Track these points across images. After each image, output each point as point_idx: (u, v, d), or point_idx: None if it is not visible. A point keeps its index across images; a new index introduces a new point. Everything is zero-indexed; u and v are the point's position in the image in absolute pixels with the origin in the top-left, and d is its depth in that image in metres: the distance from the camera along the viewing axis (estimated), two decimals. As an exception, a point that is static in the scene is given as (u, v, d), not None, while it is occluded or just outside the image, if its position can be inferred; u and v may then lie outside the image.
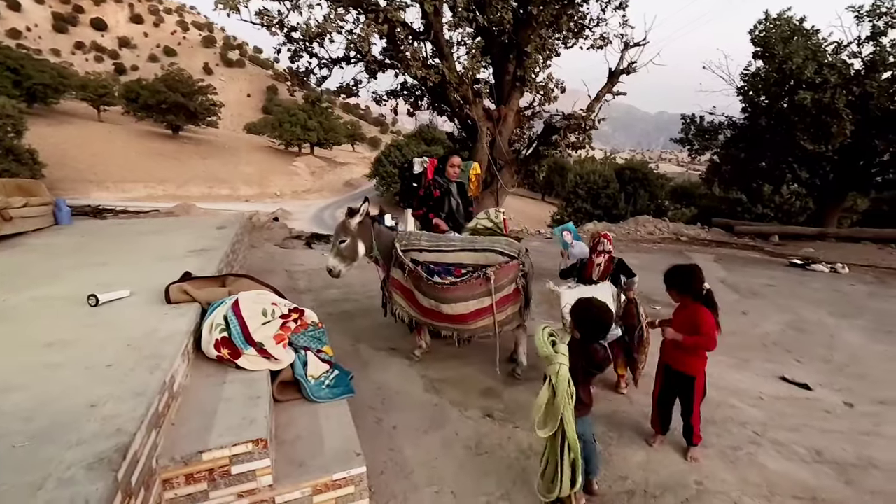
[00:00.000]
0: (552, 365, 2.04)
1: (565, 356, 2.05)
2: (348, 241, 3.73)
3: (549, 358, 2.07)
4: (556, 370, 2.02)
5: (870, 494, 2.76)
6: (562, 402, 2.00)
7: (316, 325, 2.95)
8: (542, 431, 2.07)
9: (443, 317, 3.58)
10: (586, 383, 2.22)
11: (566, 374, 2.02)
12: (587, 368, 2.17)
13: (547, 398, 2.05)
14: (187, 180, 49.53)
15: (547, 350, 2.06)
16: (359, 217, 3.77)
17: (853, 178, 14.38)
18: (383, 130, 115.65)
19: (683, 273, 2.91)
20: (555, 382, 2.03)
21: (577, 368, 2.12)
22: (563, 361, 2.03)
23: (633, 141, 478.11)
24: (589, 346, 2.19)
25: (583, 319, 2.22)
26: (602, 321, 2.20)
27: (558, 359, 2.03)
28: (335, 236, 3.79)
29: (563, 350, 2.06)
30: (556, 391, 2.02)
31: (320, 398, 2.65)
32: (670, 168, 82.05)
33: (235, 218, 6.68)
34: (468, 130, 8.95)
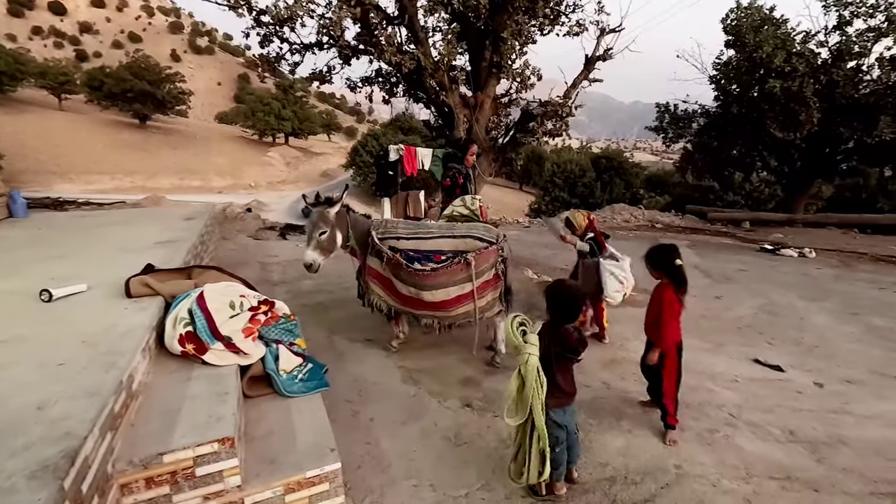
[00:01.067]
0: (521, 355, 1.99)
1: (535, 346, 2.00)
2: (328, 231, 3.56)
3: (517, 348, 2.01)
4: (525, 360, 1.97)
5: (842, 472, 2.81)
6: (530, 392, 1.95)
7: (288, 317, 2.84)
8: (512, 420, 2.03)
9: (423, 304, 3.50)
10: (565, 370, 2.17)
11: (535, 363, 1.97)
12: (562, 353, 2.12)
13: (516, 387, 2.01)
14: (157, 172, 48.01)
15: (516, 339, 2.01)
16: (338, 206, 3.63)
17: (819, 166, 14.77)
18: (360, 120, 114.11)
19: (658, 250, 3.09)
20: (523, 373, 1.98)
21: (551, 354, 2.08)
22: (532, 351, 1.98)
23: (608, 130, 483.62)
24: (560, 328, 2.14)
25: (554, 301, 2.16)
26: (574, 302, 2.15)
27: (527, 349, 1.98)
28: (312, 228, 3.56)
29: (533, 340, 2.01)
30: (525, 381, 1.97)
31: (293, 393, 2.55)
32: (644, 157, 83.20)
33: (205, 209, 6.45)
34: (445, 118, 8.83)
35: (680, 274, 2.88)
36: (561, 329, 2.14)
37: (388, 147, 6.03)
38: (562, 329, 2.14)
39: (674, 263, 2.88)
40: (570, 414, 2.21)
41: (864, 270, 9.15)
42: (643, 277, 3.60)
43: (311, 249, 3.54)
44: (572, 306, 2.15)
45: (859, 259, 10.31)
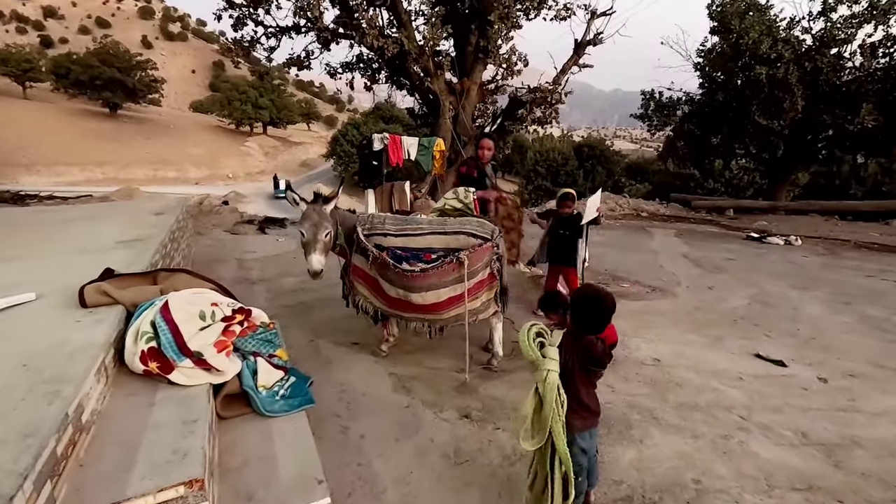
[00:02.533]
0: (539, 371, 1.75)
1: (555, 360, 1.76)
2: (331, 231, 3.22)
3: (534, 362, 1.77)
4: (544, 377, 1.73)
5: (860, 477, 2.68)
6: (549, 414, 1.72)
7: (266, 326, 2.56)
8: (528, 443, 1.79)
9: (412, 307, 3.24)
10: (589, 384, 1.94)
11: (555, 380, 1.74)
12: (585, 365, 1.88)
13: (533, 408, 1.77)
14: (130, 163, 46.49)
15: (533, 354, 1.77)
16: (335, 202, 3.31)
17: (801, 153, 14.85)
18: (339, 108, 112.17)
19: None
20: (542, 391, 1.74)
21: (573, 367, 1.84)
22: (552, 367, 1.74)
23: (588, 118, 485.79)
24: (584, 338, 1.90)
25: (582, 308, 1.91)
26: (604, 309, 1.90)
27: (546, 364, 1.74)
28: (316, 229, 3.13)
29: (552, 354, 1.77)
30: (544, 401, 1.74)
31: (274, 412, 2.28)
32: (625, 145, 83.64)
33: (177, 202, 6.05)
34: (430, 106, 8.52)
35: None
36: (584, 339, 1.90)
37: (372, 136, 5.70)
38: (585, 339, 1.90)
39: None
40: (593, 437, 1.98)
41: (849, 258, 9.18)
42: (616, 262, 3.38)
43: (317, 254, 3.13)
44: (602, 315, 1.91)
45: (843, 246, 10.38)
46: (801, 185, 19.79)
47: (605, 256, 8.32)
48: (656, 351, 4.13)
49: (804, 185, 19.66)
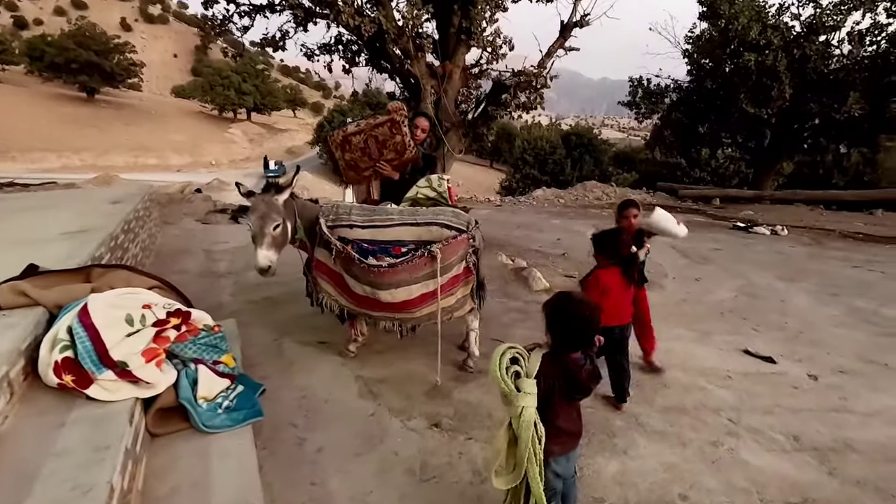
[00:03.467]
0: (512, 406, 1.50)
1: (531, 395, 1.50)
2: (282, 223, 2.92)
3: (507, 396, 1.52)
4: (518, 413, 1.48)
5: (856, 485, 2.52)
6: (525, 454, 1.48)
7: (211, 330, 2.29)
8: (500, 481, 1.55)
9: (381, 305, 2.98)
10: (570, 408, 1.69)
11: (531, 418, 1.49)
12: (568, 392, 1.63)
13: (506, 443, 1.53)
14: (108, 149, 45.22)
15: (506, 386, 1.51)
16: (288, 192, 3.00)
17: (787, 142, 14.79)
18: (326, 95, 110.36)
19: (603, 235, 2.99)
20: (516, 428, 1.50)
21: (554, 394, 1.59)
22: (528, 402, 1.49)
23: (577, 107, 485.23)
24: (566, 358, 1.65)
25: (560, 321, 1.65)
26: (585, 319, 1.64)
27: (521, 399, 1.49)
28: (262, 222, 2.84)
29: (529, 387, 1.51)
30: (519, 439, 1.49)
31: (215, 427, 2.03)
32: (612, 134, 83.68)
33: (138, 190, 5.70)
34: (411, 90, 8.17)
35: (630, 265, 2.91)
36: (567, 360, 1.64)
37: (347, 122, 5.38)
38: (568, 360, 1.64)
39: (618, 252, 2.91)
40: (572, 460, 1.75)
41: (835, 248, 9.11)
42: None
43: (264, 248, 2.84)
44: (585, 328, 1.64)
45: (829, 236, 10.33)
46: (786, 175, 19.84)
47: (591, 246, 8.13)
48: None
49: (788, 175, 19.70)
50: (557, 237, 8.77)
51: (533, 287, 5.15)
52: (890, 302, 5.75)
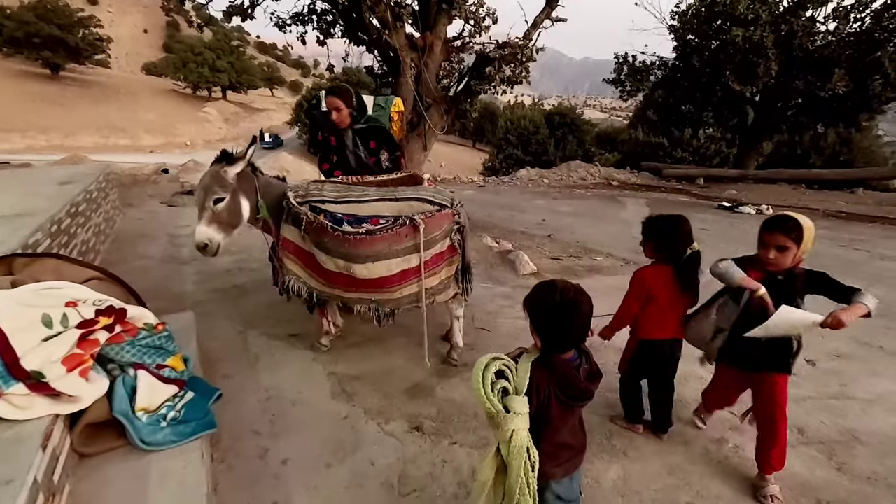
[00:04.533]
0: (500, 430, 1.24)
1: (522, 415, 1.23)
2: (227, 199, 2.63)
3: (495, 418, 1.26)
4: (508, 438, 1.22)
5: (867, 482, 2.35)
6: (516, 485, 1.22)
7: (152, 329, 1.97)
8: None
9: (356, 282, 2.67)
10: (569, 417, 1.42)
11: (523, 443, 1.22)
12: (566, 401, 1.37)
13: (494, 471, 1.26)
14: (76, 129, 43.38)
15: (492, 406, 1.23)
16: (241, 164, 2.69)
17: (771, 121, 14.71)
18: (304, 73, 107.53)
19: (657, 222, 2.39)
20: (505, 455, 1.23)
21: (550, 405, 1.33)
22: (519, 425, 1.22)
23: (559, 87, 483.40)
24: (557, 360, 1.40)
25: (541, 315, 1.37)
26: (571, 312, 1.34)
27: (510, 422, 1.22)
28: (203, 193, 2.62)
29: (519, 406, 1.23)
30: (509, 468, 1.23)
31: (157, 444, 1.73)
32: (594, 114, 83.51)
33: (94, 169, 5.24)
34: (390, 63, 7.75)
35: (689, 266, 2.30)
36: (557, 362, 1.38)
37: (320, 94, 4.97)
38: (558, 362, 1.38)
39: (679, 249, 2.31)
40: (576, 479, 1.49)
41: (820, 227, 8.88)
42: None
43: (203, 224, 2.59)
44: (573, 322, 1.36)
45: (812, 215, 10.28)
46: (765, 155, 19.93)
47: (576, 227, 7.94)
48: (636, 334, 3.74)
49: (768, 155, 19.79)
50: (542, 218, 8.55)
51: (520, 271, 4.90)
52: (878, 282, 5.67)
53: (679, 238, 2.26)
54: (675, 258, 2.28)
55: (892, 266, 6.39)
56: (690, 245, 2.27)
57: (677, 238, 2.26)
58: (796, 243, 2.00)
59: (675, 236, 2.27)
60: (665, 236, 2.29)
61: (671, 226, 2.30)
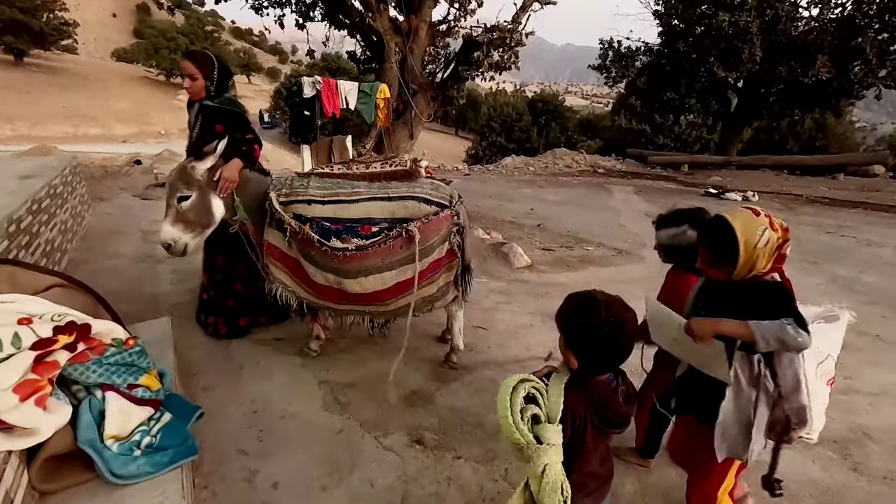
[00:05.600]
0: (531, 465, 1.07)
1: (556, 447, 1.07)
2: (194, 196, 2.44)
3: (524, 450, 1.08)
4: (539, 472, 1.05)
5: (885, 483, 2.29)
6: None
7: (122, 344, 1.76)
8: None
9: (348, 297, 2.49)
10: (603, 444, 1.28)
11: (558, 478, 1.06)
12: (601, 426, 1.21)
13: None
14: (44, 118, 41.60)
15: (522, 437, 1.05)
16: (211, 160, 2.46)
17: (754, 107, 14.77)
18: (282, 60, 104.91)
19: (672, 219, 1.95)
20: (536, 492, 1.07)
21: (583, 432, 1.17)
22: (553, 458, 1.06)
23: (541, 73, 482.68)
24: (593, 381, 1.23)
25: (580, 332, 1.20)
26: (617, 334, 1.18)
27: (543, 455, 1.05)
28: (168, 191, 2.46)
29: (553, 436, 1.06)
30: (538, 502, 1.07)
31: (130, 476, 1.53)
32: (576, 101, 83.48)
33: (59, 162, 4.89)
34: (373, 48, 7.47)
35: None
36: (594, 384, 1.22)
37: (302, 79, 4.71)
38: (595, 384, 1.22)
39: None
40: None
41: (805, 213, 9.12)
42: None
43: (167, 223, 2.44)
44: (619, 341, 1.19)
45: (797, 201, 10.38)
46: (745, 141, 20.14)
47: (565, 216, 7.82)
48: (637, 330, 3.63)
49: (747, 141, 19.99)
50: (530, 207, 8.41)
51: (514, 264, 4.75)
52: (869, 268, 5.69)
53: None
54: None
55: (880, 252, 6.42)
56: None
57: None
58: (726, 259, 1.48)
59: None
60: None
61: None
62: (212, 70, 2.81)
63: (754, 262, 1.47)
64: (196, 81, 2.77)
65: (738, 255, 1.44)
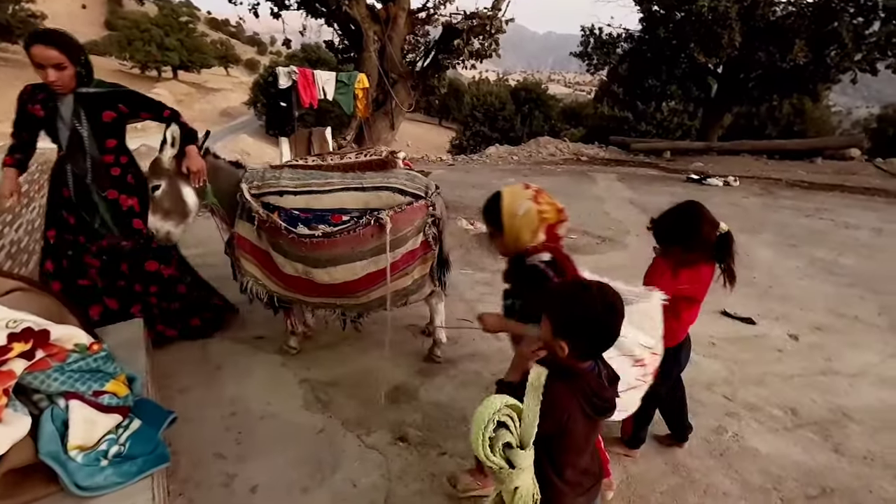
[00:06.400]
0: (504, 484, 1.04)
1: (528, 469, 1.02)
2: (164, 185, 2.43)
3: (497, 473, 1.04)
4: (511, 490, 1.03)
5: (865, 463, 2.31)
6: None
7: (86, 350, 1.68)
8: None
9: (318, 287, 2.43)
10: (591, 434, 1.24)
11: (529, 491, 1.03)
12: (590, 414, 1.18)
13: None
14: (12, 114, 40.30)
15: (494, 463, 1.02)
16: (170, 149, 2.41)
17: (734, 93, 14.89)
18: (261, 51, 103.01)
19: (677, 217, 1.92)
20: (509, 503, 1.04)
21: (572, 424, 1.13)
22: (524, 480, 1.02)
23: (523, 62, 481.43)
24: (579, 371, 1.19)
25: (575, 318, 1.16)
26: (614, 316, 1.15)
27: (515, 479, 1.02)
28: (147, 182, 2.48)
29: (523, 460, 1.00)
30: None
31: (97, 488, 1.46)
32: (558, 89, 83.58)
33: (25, 160, 4.70)
34: (351, 37, 7.31)
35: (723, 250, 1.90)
36: (580, 372, 1.19)
37: (277, 69, 4.58)
38: (581, 371, 1.18)
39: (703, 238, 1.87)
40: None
41: (785, 197, 9.24)
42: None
43: (150, 213, 2.44)
44: (615, 323, 1.16)
45: (777, 185, 10.51)
46: (725, 127, 20.38)
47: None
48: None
49: (727, 126, 20.23)
50: (515, 197, 8.37)
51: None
52: (846, 250, 5.78)
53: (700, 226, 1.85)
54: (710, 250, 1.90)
55: (857, 234, 6.53)
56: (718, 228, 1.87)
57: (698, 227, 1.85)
58: (496, 228, 1.63)
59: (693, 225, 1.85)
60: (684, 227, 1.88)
61: (688, 215, 1.88)
62: (79, 53, 2.40)
63: (517, 234, 1.59)
64: (64, 71, 2.31)
65: (502, 225, 1.59)
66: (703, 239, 1.85)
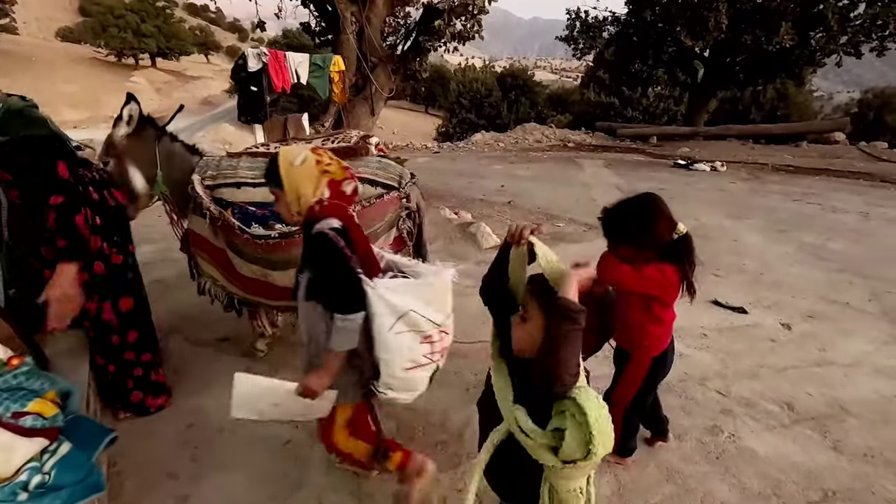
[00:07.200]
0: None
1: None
2: (111, 164, 2.23)
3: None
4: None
5: (865, 461, 2.21)
6: None
7: (3, 365, 1.46)
8: None
9: (279, 291, 2.22)
10: None
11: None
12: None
13: None
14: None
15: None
16: (124, 127, 2.19)
17: (720, 77, 14.79)
18: (242, 38, 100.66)
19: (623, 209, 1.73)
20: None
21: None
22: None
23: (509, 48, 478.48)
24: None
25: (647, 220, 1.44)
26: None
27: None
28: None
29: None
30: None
31: (12, 526, 1.27)
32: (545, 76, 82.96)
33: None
34: (328, 19, 6.99)
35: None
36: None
37: (246, 51, 4.30)
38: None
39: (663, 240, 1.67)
40: None
41: (771, 181, 9.19)
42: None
43: None
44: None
45: (763, 170, 10.45)
46: (711, 112, 20.35)
47: (536, 192, 7.64)
48: (610, 309, 3.48)
49: (713, 111, 20.20)
50: (501, 184, 8.20)
51: (482, 244, 4.54)
52: (835, 235, 5.71)
53: (656, 224, 1.65)
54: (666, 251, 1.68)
55: (844, 219, 6.47)
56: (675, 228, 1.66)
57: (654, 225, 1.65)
58: (276, 185, 1.49)
59: (648, 223, 1.65)
60: (637, 225, 1.67)
61: (641, 210, 1.69)
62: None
63: (297, 187, 1.47)
64: None
65: (281, 179, 1.46)
66: (657, 237, 1.63)
